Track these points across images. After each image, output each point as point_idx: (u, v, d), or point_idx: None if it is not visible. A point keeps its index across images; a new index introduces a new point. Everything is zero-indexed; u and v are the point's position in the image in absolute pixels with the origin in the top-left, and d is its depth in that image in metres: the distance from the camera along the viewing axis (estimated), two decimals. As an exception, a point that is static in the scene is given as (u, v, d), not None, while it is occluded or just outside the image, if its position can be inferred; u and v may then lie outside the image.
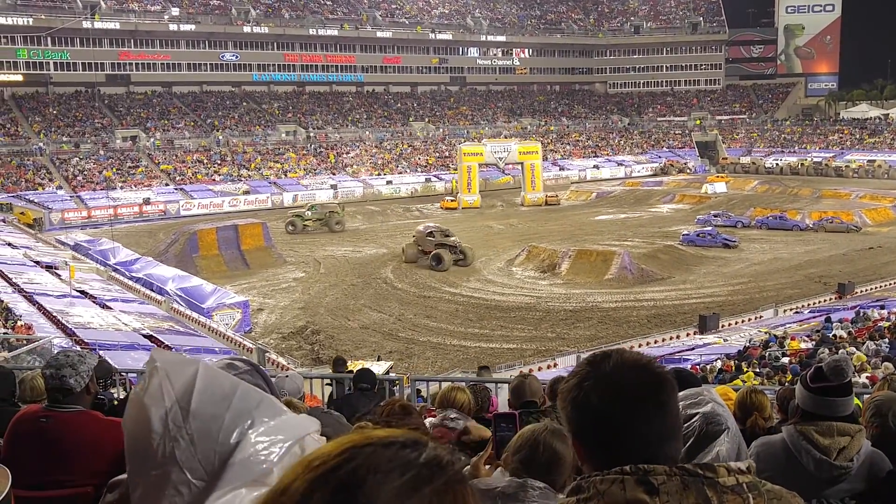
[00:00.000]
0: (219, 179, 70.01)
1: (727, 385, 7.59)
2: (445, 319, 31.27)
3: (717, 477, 1.52)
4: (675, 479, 1.49)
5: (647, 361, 1.63)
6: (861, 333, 20.57)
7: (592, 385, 1.58)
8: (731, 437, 2.19)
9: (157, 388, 1.38)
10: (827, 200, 57.84)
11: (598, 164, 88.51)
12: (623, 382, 1.57)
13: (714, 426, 2.17)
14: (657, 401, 1.57)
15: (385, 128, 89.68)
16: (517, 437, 2.71)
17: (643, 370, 1.60)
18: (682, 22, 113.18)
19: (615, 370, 1.59)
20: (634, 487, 1.48)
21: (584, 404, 1.58)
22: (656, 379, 1.59)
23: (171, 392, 1.38)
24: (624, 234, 47.78)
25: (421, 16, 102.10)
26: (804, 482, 3.15)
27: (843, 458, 3.15)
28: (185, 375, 1.40)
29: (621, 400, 1.55)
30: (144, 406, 1.37)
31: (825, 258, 40.99)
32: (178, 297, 31.80)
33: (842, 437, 3.16)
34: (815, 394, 3.23)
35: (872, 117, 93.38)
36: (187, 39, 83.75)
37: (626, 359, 1.62)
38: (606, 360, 1.61)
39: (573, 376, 1.63)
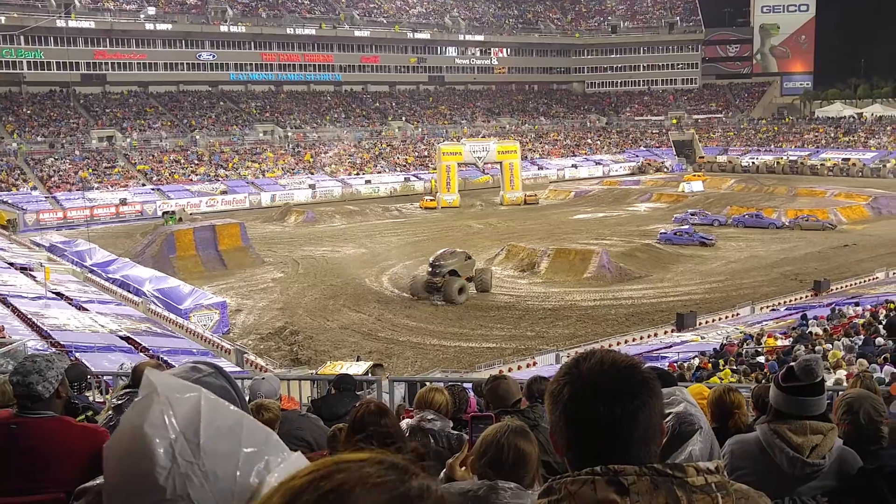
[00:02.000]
0: (196, 179, 69.57)
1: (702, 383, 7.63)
2: (425, 319, 31.27)
3: (686, 477, 1.53)
4: (645, 479, 1.50)
5: (628, 363, 1.61)
6: (837, 330, 20.78)
7: (570, 383, 1.59)
8: (704, 436, 2.21)
9: (159, 417, 1.27)
10: (802, 199, 58.36)
11: (577, 163, 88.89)
12: (600, 383, 1.57)
13: (687, 426, 2.19)
14: (633, 403, 1.56)
15: (363, 127, 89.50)
16: (480, 440, 2.70)
17: (623, 371, 1.59)
18: (659, 21, 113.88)
19: (593, 370, 1.59)
20: (605, 488, 1.49)
21: (562, 402, 1.59)
22: (635, 381, 1.58)
23: (175, 422, 1.27)
24: (602, 233, 48.00)
25: (399, 15, 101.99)
26: (778, 480, 3.19)
27: (816, 456, 3.18)
28: (186, 404, 1.30)
29: (595, 400, 1.56)
30: (145, 436, 1.25)
31: (801, 256, 41.39)
32: (155, 298, 31.56)
33: (814, 436, 3.19)
34: (788, 393, 3.26)
35: (847, 116, 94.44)
36: (164, 39, 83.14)
37: (606, 359, 1.61)
38: (587, 360, 1.61)
39: (557, 374, 1.64)
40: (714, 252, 42.75)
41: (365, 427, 3.02)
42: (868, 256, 40.63)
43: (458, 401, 5.50)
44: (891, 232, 47.44)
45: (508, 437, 2.66)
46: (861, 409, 3.73)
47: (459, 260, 34.16)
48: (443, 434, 4.30)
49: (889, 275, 35.65)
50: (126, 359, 18.89)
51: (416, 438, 4.20)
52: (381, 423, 3.03)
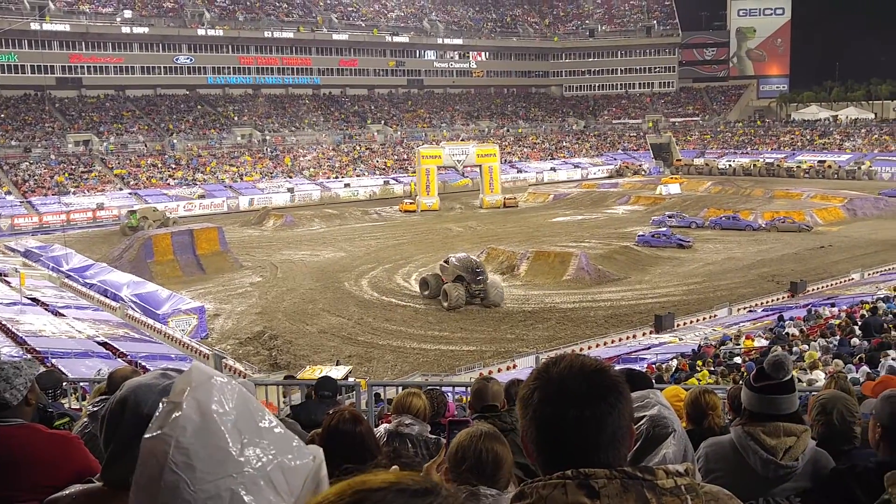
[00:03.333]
0: (173, 184, 69.12)
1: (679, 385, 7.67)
2: (405, 322, 31.23)
3: (656, 479, 1.55)
4: (616, 482, 1.52)
5: (597, 367, 1.63)
6: (813, 331, 20.96)
7: (540, 388, 1.61)
8: (678, 439, 2.23)
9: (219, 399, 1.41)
10: (779, 201, 58.84)
11: (555, 166, 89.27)
12: (569, 386, 1.59)
13: (661, 429, 2.20)
14: (602, 406, 1.58)
15: (342, 130, 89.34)
16: (455, 447, 2.70)
17: (592, 375, 1.61)
18: (636, 25, 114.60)
19: (563, 374, 1.61)
20: (576, 491, 1.50)
21: (532, 407, 1.61)
22: (604, 385, 1.60)
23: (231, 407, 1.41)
24: (581, 236, 48.19)
25: (377, 18, 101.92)
26: (751, 481, 3.22)
27: (789, 458, 3.21)
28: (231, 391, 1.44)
29: (565, 403, 1.58)
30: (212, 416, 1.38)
31: (777, 257, 41.72)
32: (132, 303, 31.32)
33: (788, 438, 3.22)
34: (760, 393, 3.29)
35: (822, 119, 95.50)
36: (140, 42, 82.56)
37: (576, 363, 1.63)
38: (556, 364, 1.63)
39: (528, 380, 1.65)
40: (691, 254, 43.02)
41: (339, 434, 3.01)
42: (844, 258, 41.03)
43: (437, 405, 5.50)
44: (866, 233, 47.98)
45: (484, 443, 2.66)
46: (834, 410, 3.77)
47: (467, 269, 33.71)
48: (420, 438, 4.30)
49: (864, 276, 36.03)
50: (103, 364, 18.77)
51: (394, 443, 4.19)
52: (355, 431, 3.02)
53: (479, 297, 33.19)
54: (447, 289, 32.93)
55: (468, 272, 33.10)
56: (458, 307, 32.58)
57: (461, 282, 33.00)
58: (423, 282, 35.18)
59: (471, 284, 32.94)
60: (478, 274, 33.17)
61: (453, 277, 33.25)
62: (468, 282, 32.94)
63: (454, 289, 32.76)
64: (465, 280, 32.97)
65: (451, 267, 33.70)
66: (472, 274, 33.06)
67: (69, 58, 78.62)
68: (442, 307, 32.78)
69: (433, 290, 34.16)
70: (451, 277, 33.33)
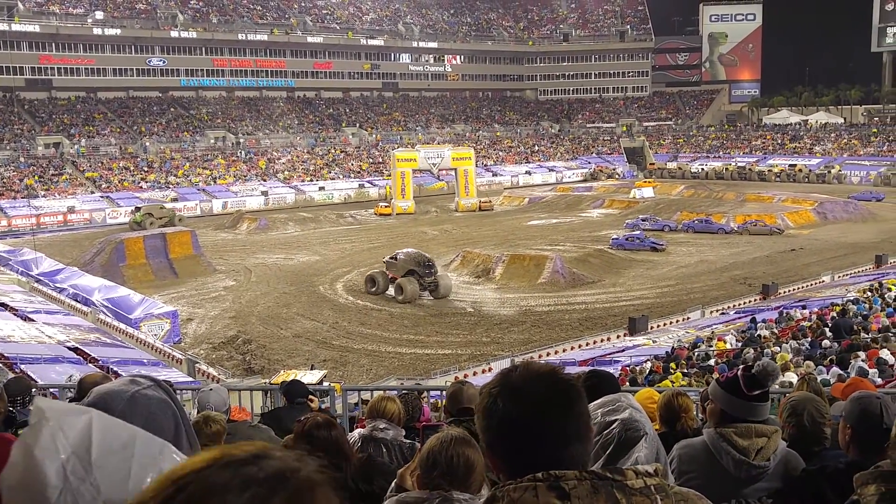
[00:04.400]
0: (146, 187, 68.53)
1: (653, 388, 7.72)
2: (380, 326, 31.16)
3: (625, 480, 1.57)
4: (586, 483, 1.54)
5: (551, 370, 1.68)
6: (784, 333, 21.14)
7: (499, 394, 1.63)
8: (650, 442, 2.24)
9: (50, 440, 1.29)
10: (750, 204, 59.47)
11: (530, 169, 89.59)
12: (528, 391, 1.63)
13: (632, 432, 2.21)
14: (561, 407, 1.63)
15: (317, 133, 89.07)
16: (426, 452, 2.69)
17: (548, 378, 1.65)
18: (610, 30, 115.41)
19: (520, 379, 1.65)
20: (546, 493, 1.52)
21: (493, 414, 1.63)
22: (560, 387, 1.65)
23: (66, 443, 1.29)
24: (556, 239, 48.38)
25: (352, 21, 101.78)
26: (724, 482, 3.25)
27: (761, 458, 3.25)
28: (78, 425, 1.33)
29: (528, 408, 1.61)
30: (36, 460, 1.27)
31: (749, 260, 42.13)
32: (104, 307, 30.95)
33: (759, 438, 3.26)
34: (752, 401, 3.32)
35: (793, 123, 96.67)
36: (112, 44, 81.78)
37: (532, 369, 1.68)
38: (513, 371, 1.68)
39: (484, 389, 1.67)
40: (665, 257, 43.33)
41: (312, 441, 3.00)
42: (815, 260, 41.52)
43: (412, 409, 5.49)
44: (836, 236, 48.61)
45: (455, 448, 2.65)
46: (805, 412, 3.82)
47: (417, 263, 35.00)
48: (395, 443, 4.29)
49: (834, 278, 36.46)
50: (74, 370, 18.52)
51: (369, 448, 4.18)
52: (329, 436, 3.00)
53: (430, 289, 34.35)
54: (402, 283, 34.02)
55: (419, 266, 34.37)
56: (412, 300, 33.72)
57: (413, 275, 34.14)
58: (370, 279, 36.04)
59: (423, 277, 34.18)
60: (429, 267, 34.55)
61: (405, 272, 34.36)
62: (420, 275, 34.15)
63: (408, 283, 33.91)
64: (417, 273, 34.15)
65: (400, 262, 34.85)
66: (424, 267, 34.38)
67: (39, 59, 77.71)
68: (397, 301, 33.81)
69: (381, 286, 35.27)
70: (403, 272, 34.43)
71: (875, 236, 48.14)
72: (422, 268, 34.39)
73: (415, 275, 34.27)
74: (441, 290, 34.49)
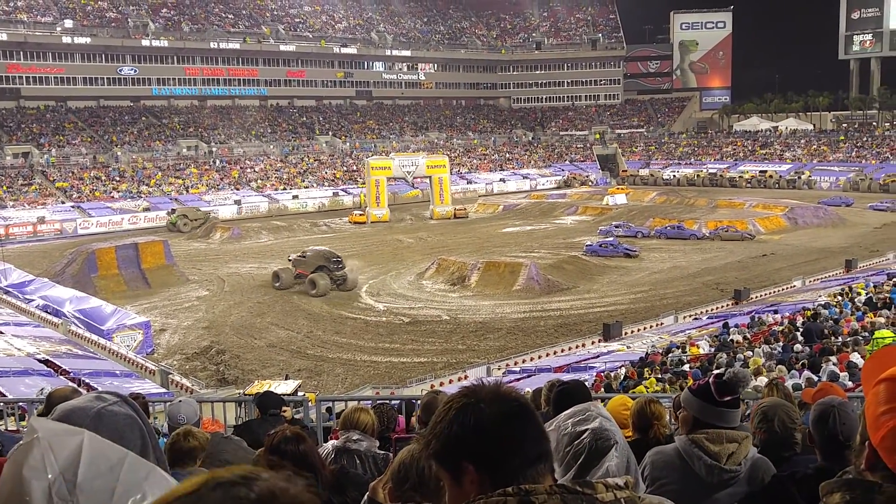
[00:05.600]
0: (118, 196, 67.85)
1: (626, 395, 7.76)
2: (355, 335, 31.03)
3: (595, 493, 1.57)
4: (556, 497, 1.53)
5: (504, 391, 1.68)
6: (757, 338, 21.34)
7: (455, 418, 1.63)
8: (620, 451, 2.25)
9: (39, 460, 1.30)
10: (722, 210, 59.99)
11: (505, 177, 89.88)
12: (490, 411, 1.62)
13: (603, 442, 2.22)
14: (515, 427, 1.62)
15: (290, 142, 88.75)
16: (398, 464, 2.68)
17: (501, 399, 1.65)
18: (582, 38, 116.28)
19: (479, 402, 1.64)
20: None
21: (450, 437, 1.62)
22: (513, 407, 1.65)
23: (55, 464, 1.30)
24: (530, 246, 48.52)
25: (325, 30, 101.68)
26: (696, 487, 3.28)
27: (732, 463, 3.29)
28: (69, 446, 1.34)
29: (483, 428, 1.60)
30: (23, 478, 1.28)
31: (721, 266, 42.51)
32: (76, 318, 30.60)
33: (730, 444, 3.29)
34: (723, 407, 3.35)
35: (763, 130, 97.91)
36: (82, 52, 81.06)
37: (485, 390, 1.67)
38: (469, 394, 1.67)
39: (443, 418, 1.66)
40: (638, 263, 43.59)
41: (281, 455, 2.97)
42: (785, 265, 41.97)
43: (386, 420, 5.46)
44: (806, 241, 49.19)
45: (427, 460, 2.64)
46: (776, 418, 3.86)
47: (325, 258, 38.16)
48: (369, 454, 4.27)
49: (805, 283, 36.87)
50: (45, 383, 18.28)
51: (342, 460, 4.15)
52: (298, 450, 2.98)
53: (339, 282, 37.06)
54: (314, 278, 36.55)
55: (328, 261, 37.43)
56: (325, 294, 36.16)
57: (324, 270, 36.87)
58: (275, 275, 38.70)
59: (333, 272, 37.02)
60: (337, 262, 37.62)
61: (315, 268, 37.07)
62: (330, 270, 36.99)
63: (321, 278, 36.55)
64: (326, 269, 36.95)
65: (310, 259, 37.67)
66: (333, 263, 37.47)
67: (7, 67, 76.83)
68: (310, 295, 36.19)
69: (284, 282, 37.88)
70: (313, 268, 37.12)
71: (845, 241, 48.79)
72: (331, 263, 37.28)
73: (325, 270, 36.90)
74: (348, 283, 37.23)
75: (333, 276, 36.99)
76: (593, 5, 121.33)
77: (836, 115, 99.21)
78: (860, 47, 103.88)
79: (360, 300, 36.44)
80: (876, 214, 60.50)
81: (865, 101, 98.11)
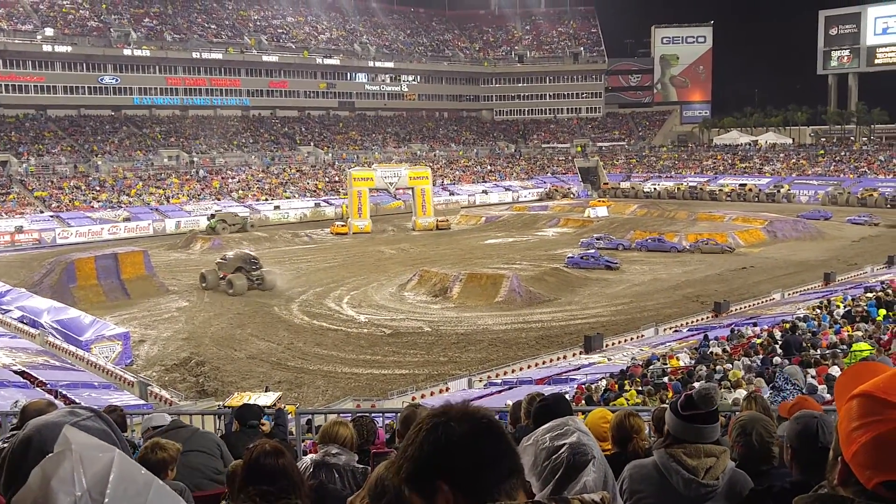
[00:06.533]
0: (98, 206, 67.36)
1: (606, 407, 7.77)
2: (336, 347, 30.91)
3: None
4: None
5: (473, 409, 1.70)
6: (736, 350, 21.41)
7: (426, 438, 1.63)
8: (598, 465, 2.25)
9: (69, 473, 1.29)
10: (702, 223, 60.33)
11: (487, 189, 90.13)
12: (459, 431, 1.63)
13: (580, 456, 2.22)
14: (485, 443, 1.63)
15: (272, 152, 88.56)
16: (374, 480, 2.67)
17: (471, 417, 1.66)
18: (565, 52, 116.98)
19: (449, 422, 1.65)
20: None
21: (422, 458, 1.62)
22: (482, 424, 1.66)
23: (83, 480, 1.29)
24: (512, 258, 48.59)
25: (308, 40, 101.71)
26: (674, 501, 3.29)
27: (710, 477, 3.30)
28: (99, 463, 1.33)
29: (454, 445, 1.61)
30: (51, 489, 1.28)
31: (701, 278, 42.75)
32: (53, 329, 30.27)
33: (708, 458, 3.31)
34: (686, 421, 3.36)
35: (743, 143, 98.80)
36: (63, 61, 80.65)
37: (455, 411, 1.68)
38: (439, 414, 1.68)
39: (409, 437, 1.66)
40: (619, 275, 43.76)
41: (260, 469, 2.95)
42: (765, 278, 42.27)
43: (366, 433, 5.43)
44: (786, 254, 49.58)
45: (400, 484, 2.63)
46: (754, 432, 3.88)
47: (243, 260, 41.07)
48: (347, 469, 4.24)
49: (785, 296, 37.10)
50: (21, 395, 18.06)
51: (321, 474, 4.13)
52: (277, 464, 2.96)
53: (257, 282, 39.74)
54: (231, 279, 39.19)
55: (246, 263, 40.25)
56: (241, 293, 38.70)
57: (241, 271, 39.52)
58: (202, 276, 41.06)
59: (250, 273, 39.73)
60: (254, 264, 40.43)
61: (234, 269, 39.64)
62: (248, 270, 39.71)
63: (237, 278, 39.25)
64: (244, 270, 39.61)
65: (230, 261, 40.43)
66: (250, 264, 40.28)
67: (-14, 76, 76.28)
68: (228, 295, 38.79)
69: (210, 283, 40.23)
70: (232, 269, 39.68)
71: (823, 254, 49.24)
72: (248, 265, 40.08)
73: (242, 271, 39.61)
74: (266, 283, 39.82)
75: (250, 276, 39.59)
76: (575, 19, 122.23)
77: (815, 130, 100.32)
78: (838, 63, 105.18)
79: (342, 312, 36.33)
80: (854, 228, 61.14)
81: (843, 116, 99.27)
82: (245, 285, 39.03)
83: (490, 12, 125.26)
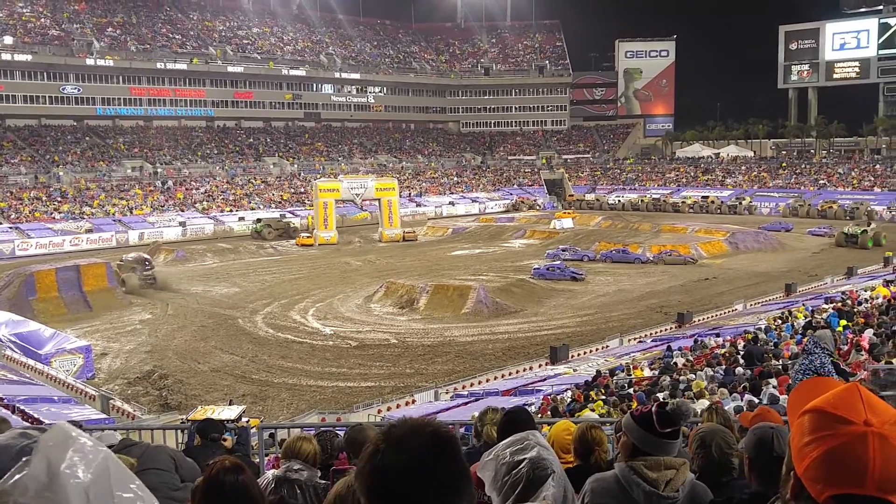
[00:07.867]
0: (59, 217, 66.33)
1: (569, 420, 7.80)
2: (301, 359, 30.67)
3: None
4: None
5: (426, 423, 1.69)
6: (699, 361, 21.61)
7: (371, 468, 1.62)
8: (557, 480, 2.26)
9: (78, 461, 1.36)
10: (665, 234, 60.94)
11: (454, 200, 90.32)
12: (412, 444, 1.62)
13: (540, 471, 2.23)
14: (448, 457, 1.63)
15: (237, 163, 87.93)
16: (333, 498, 2.66)
17: (424, 429, 1.66)
18: (530, 65, 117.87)
19: (402, 437, 1.64)
20: None
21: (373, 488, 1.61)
22: (435, 440, 1.65)
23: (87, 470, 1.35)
24: (479, 269, 48.69)
25: (274, 51, 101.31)
26: (636, 514, 3.30)
27: (670, 490, 3.32)
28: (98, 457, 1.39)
29: (408, 463, 1.60)
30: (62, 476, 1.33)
31: (665, 289, 43.15)
32: (11, 343, 29.67)
33: (668, 471, 3.33)
34: (664, 438, 3.38)
35: (705, 156, 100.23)
36: (23, 70, 79.49)
37: (407, 425, 1.68)
38: (393, 428, 1.68)
39: (369, 454, 1.65)
40: (584, 286, 44.03)
41: (220, 486, 2.91)
42: (727, 289, 42.77)
43: (330, 448, 5.39)
44: (747, 265, 50.25)
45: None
46: (713, 443, 3.92)
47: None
48: (309, 485, 4.20)
49: (747, 306, 37.59)
50: (-24, 411, 17.66)
51: (282, 490, 4.09)
52: (237, 481, 2.93)
53: (149, 281, 44.16)
54: (125, 278, 42.85)
55: (139, 264, 44.76)
56: (134, 291, 42.55)
57: (134, 272, 43.76)
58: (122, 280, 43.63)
59: (142, 272, 44.13)
60: (146, 265, 45.07)
61: (129, 270, 43.74)
62: (140, 270, 44.21)
63: (129, 278, 43.18)
64: (137, 270, 44.01)
65: (126, 263, 44.47)
66: (142, 265, 44.83)
67: (-57, 85, 74.90)
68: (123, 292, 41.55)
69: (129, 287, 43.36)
70: (127, 270, 43.72)
71: (784, 265, 49.97)
72: (140, 265, 44.74)
73: (136, 271, 43.95)
74: (157, 283, 44.47)
75: (142, 276, 43.91)
76: (541, 33, 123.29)
77: (776, 143, 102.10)
78: (798, 77, 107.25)
79: (307, 324, 36.11)
80: (814, 239, 62.18)
81: (803, 130, 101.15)
82: (136, 284, 43.23)
83: (456, 25, 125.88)
